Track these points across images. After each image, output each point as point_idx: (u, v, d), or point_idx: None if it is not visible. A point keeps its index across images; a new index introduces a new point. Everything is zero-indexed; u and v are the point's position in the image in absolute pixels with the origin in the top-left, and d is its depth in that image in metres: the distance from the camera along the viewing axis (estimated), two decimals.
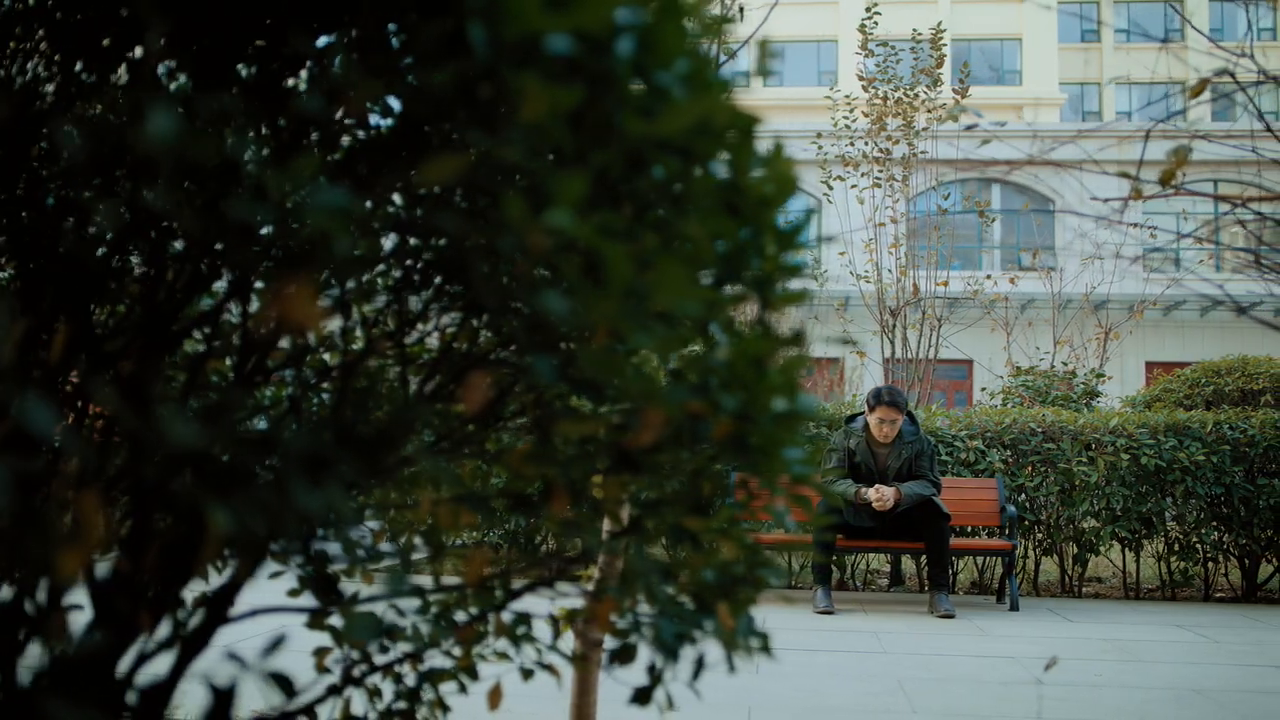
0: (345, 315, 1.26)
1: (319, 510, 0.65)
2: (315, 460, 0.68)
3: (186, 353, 1.26)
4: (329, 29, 0.69)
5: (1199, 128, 9.79)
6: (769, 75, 1.30)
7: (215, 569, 1.35)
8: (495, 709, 1.48)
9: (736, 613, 1.27)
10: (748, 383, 1.02)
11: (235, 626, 1.09)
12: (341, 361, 1.39)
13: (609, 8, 0.69)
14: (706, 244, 0.94)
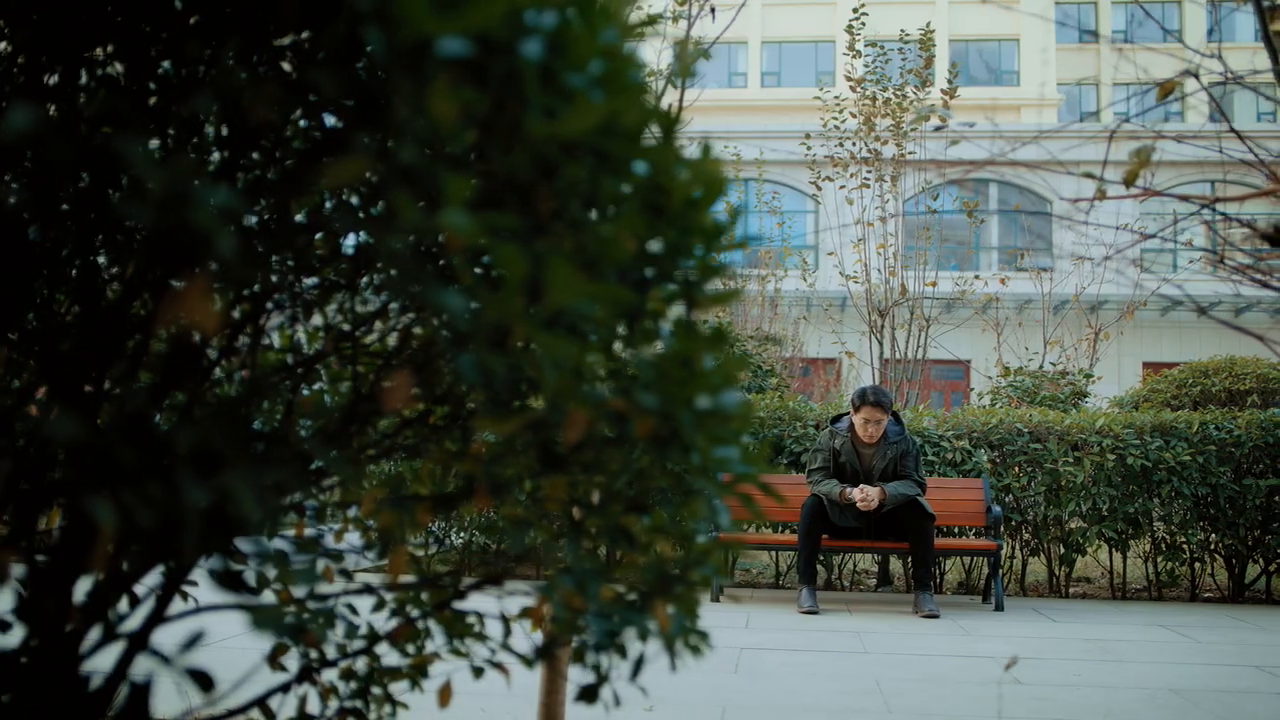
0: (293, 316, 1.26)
1: (205, 504, 0.65)
2: (208, 456, 0.68)
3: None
4: (227, 34, 0.70)
5: (1162, 128, 9.79)
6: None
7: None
8: (445, 706, 1.48)
9: (688, 611, 1.28)
10: (671, 381, 1.03)
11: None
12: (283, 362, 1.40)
13: (499, 9, 0.70)
14: (621, 245, 0.94)
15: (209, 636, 1.15)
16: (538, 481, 1.27)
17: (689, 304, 1.07)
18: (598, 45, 0.92)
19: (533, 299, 0.77)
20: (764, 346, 8.20)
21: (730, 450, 1.22)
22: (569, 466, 1.07)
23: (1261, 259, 3.33)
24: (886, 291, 7.86)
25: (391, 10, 0.73)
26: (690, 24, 2.70)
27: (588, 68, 0.90)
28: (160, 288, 0.77)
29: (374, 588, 1.33)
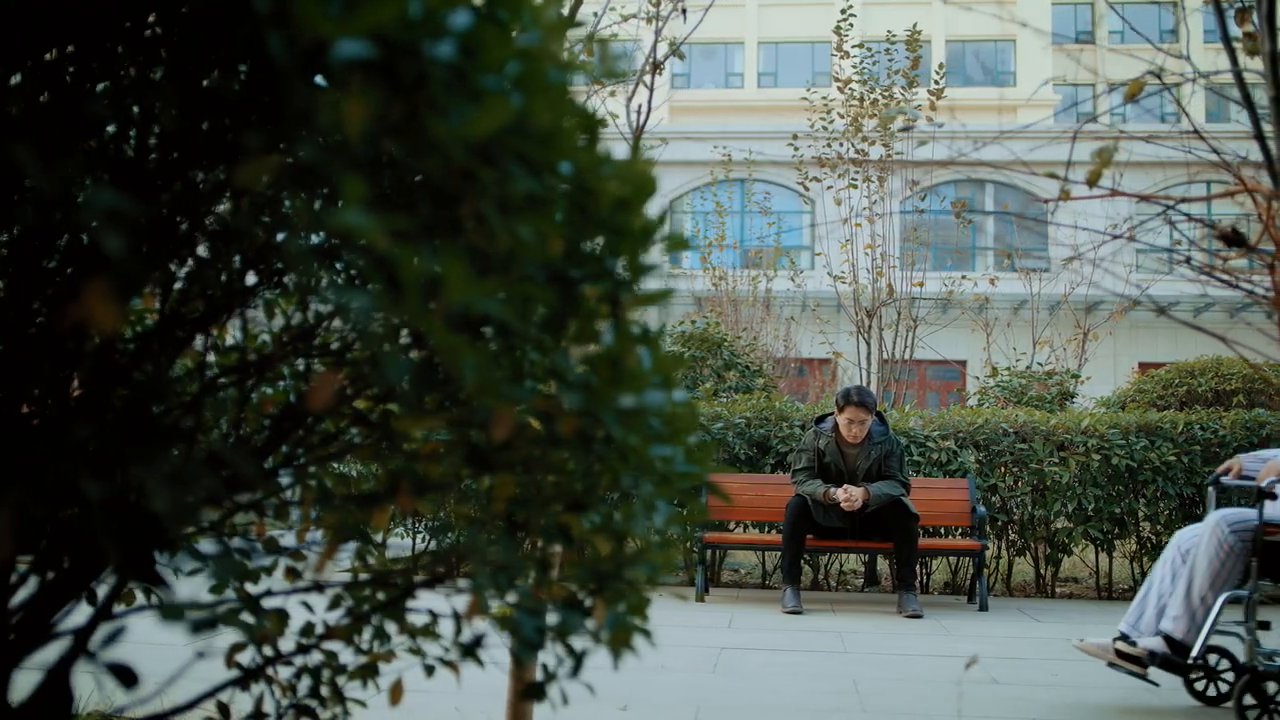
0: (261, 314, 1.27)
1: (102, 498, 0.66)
2: (107, 452, 0.69)
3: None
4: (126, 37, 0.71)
5: (1124, 129, 9.81)
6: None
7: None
8: (396, 704, 1.49)
9: (636, 610, 1.29)
10: (595, 380, 1.04)
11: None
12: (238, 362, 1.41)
13: (393, 11, 0.71)
14: (537, 245, 0.95)
15: (163, 638, 1.15)
16: (482, 481, 1.28)
17: (615, 304, 1.07)
18: (514, 47, 0.93)
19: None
20: (751, 346, 8.21)
21: (666, 449, 1.22)
22: (496, 465, 1.08)
23: (1226, 259, 3.34)
24: (874, 292, 7.88)
25: (288, 12, 0.73)
26: (663, 23, 2.71)
27: (504, 69, 0.90)
28: (64, 288, 0.78)
29: (322, 585, 1.34)
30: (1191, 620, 3.08)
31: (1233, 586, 3.05)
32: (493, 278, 0.94)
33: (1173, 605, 3.14)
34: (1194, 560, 3.12)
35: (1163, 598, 3.23)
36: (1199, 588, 3.08)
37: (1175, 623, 3.11)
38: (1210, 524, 3.14)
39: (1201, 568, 3.08)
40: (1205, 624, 3.04)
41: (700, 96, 28.32)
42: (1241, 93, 2.05)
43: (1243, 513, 3.12)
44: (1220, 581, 3.05)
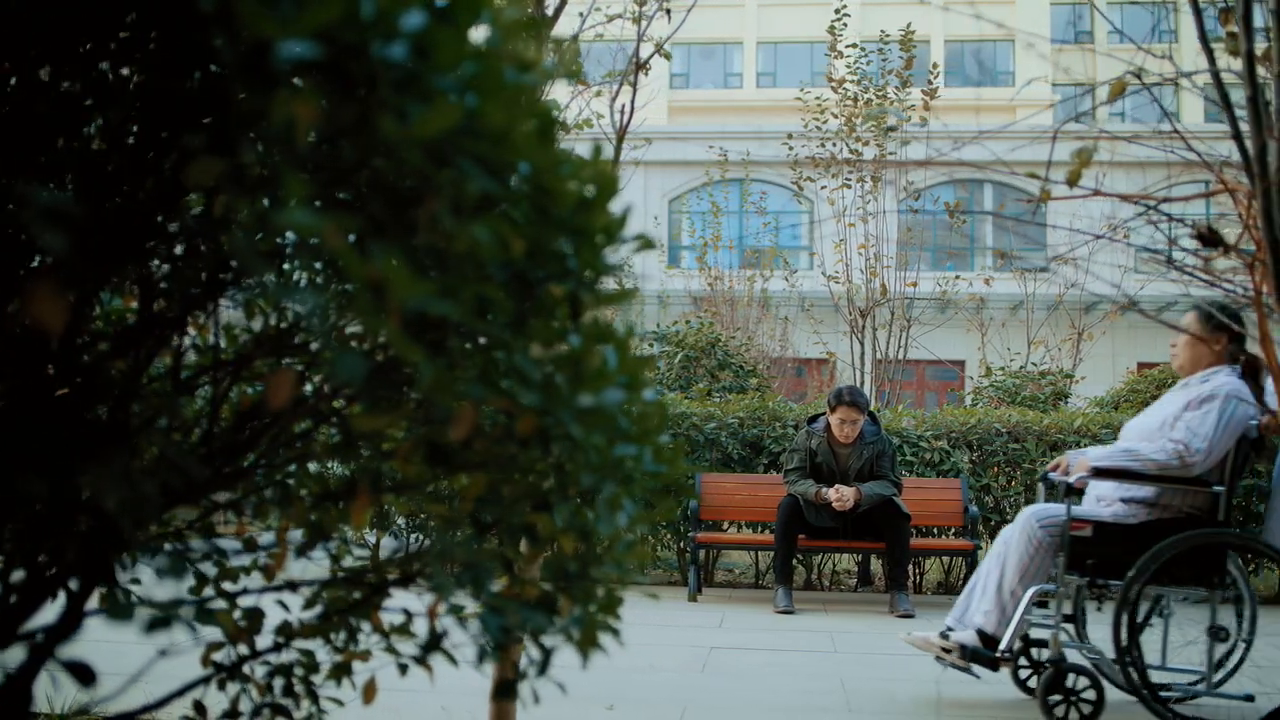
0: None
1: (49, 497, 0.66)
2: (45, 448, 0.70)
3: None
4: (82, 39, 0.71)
5: (1107, 128, 9.81)
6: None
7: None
8: (369, 703, 1.49)
9: (608, 609, 1.29)
10: (555, 380, 1.04)
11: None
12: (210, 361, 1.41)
13: (335, 12, 0.71)
14: (496, 246, 0.95)
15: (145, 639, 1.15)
16: (457, 479, 1.28)
17: (575, 303, 1.08)
18: (469, 47, 0.93)
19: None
20: (745, 346, 8.22)
21: (632, 449, 1.23)
22: (457, 463, 1.08)
23: (1208, 259, 3.33)
24: (868, 292, 7.89)
25: (232, 13, 0.73)
26: (646, 24, 2.71)
27: (459, 69, 0.91)
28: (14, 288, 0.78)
29: (295, 584, 1.34)
30: (1002, 614, 3.13)
31: (1042, 581, 3.09)
32: (450, 277, 0.95)
33: (984, 600, 3.19)
34: (1005, 555, 3.16)
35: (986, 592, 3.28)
36: (1009, 582, 3.13)
37: (986, 617, 3.16)
38: (1021, 520, 3.18)
39: (1012, 563, 3.13)
40: (1014, 618, 3.08)
41: (699, 96, 28.31)
42: (1219, 92, 2.05)
43: (1052, 508, 3.16)
44: (1029, 576, 3.10)
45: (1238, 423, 3.03)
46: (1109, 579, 3.06)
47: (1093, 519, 3.13)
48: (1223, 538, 3.03)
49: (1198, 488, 3.05)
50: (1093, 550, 3.07)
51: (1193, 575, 3.01)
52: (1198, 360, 3.23)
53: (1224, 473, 3.07)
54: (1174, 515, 3.08)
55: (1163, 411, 3.21)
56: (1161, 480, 3.04)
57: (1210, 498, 3.06)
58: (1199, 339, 3.23)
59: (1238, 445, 3.06)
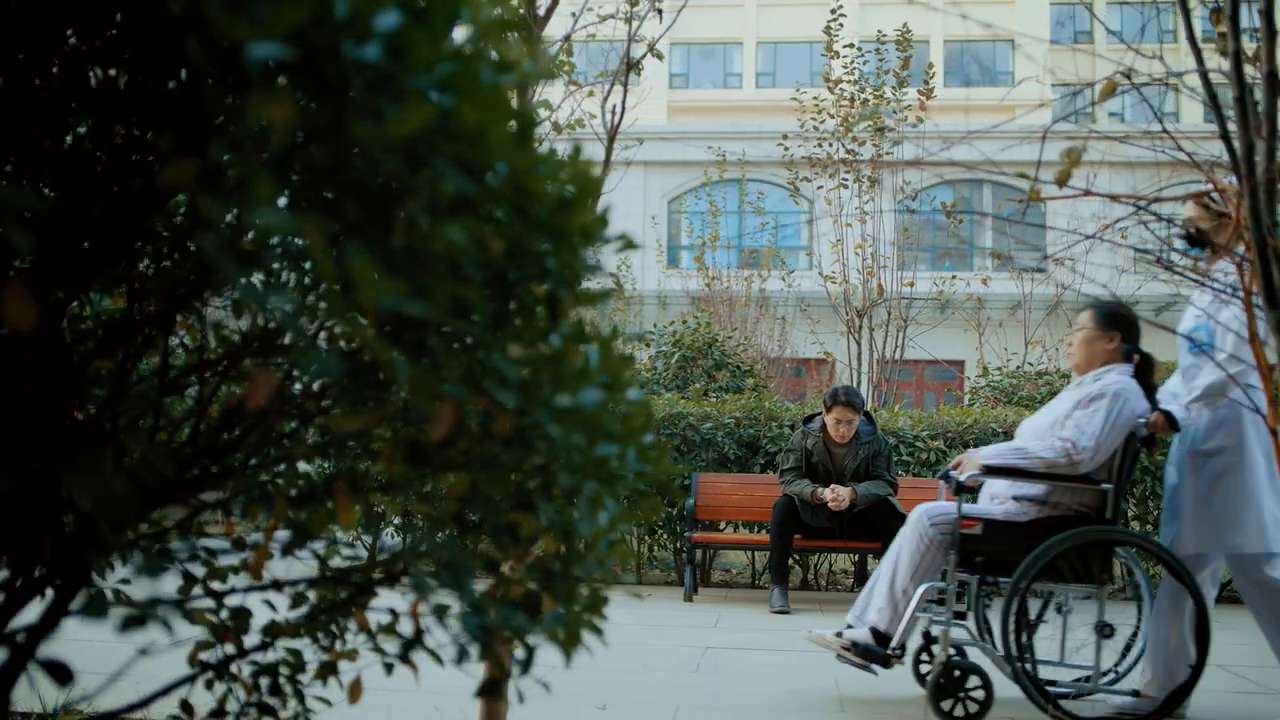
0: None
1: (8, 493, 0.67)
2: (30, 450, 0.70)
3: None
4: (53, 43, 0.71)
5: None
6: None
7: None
8: (355, 702, 1.50)
9: (593, 609, 1.30)
10: (533, 380, 1.04)
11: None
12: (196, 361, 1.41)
13: (302, 14, 0.71)
14: (474, 246, 0.95)
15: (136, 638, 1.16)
16: (445, 478, 1.28)
17: (553, 303, 1.08)
18: (445, 48, 0.93)
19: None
20: (742, 346, 8.22)
21: (613, 448, 1.23)
22: (437, 463, 1.08)
23: (1196, 259, 3.34)
24: (865, 292, 7.89)
25: (201, 14, 0.74)
26: (638, 24, 2.71)
27: (434, 70, 0.91)
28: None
29: (280, 583, 1.35)
30: (894, 611, 3.15)
31: (934, 578, 3.11)
32: (427, 277, 0.95)
33: (878, 598, 3.22)
34: (898, 553, 3.19)
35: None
36: (901, 580, 3.15)
37: (880, 614, 3.18)
38: (913, 518, 3.20)
39: (904, 560, 3.15)
40: (905, 615, 3.11)
41: (699, 96, 28.32)
42: (1207, 92, 2.05)
43: (944, 506, 3.17)
44: (921, 574, 3.12)
45: (1125, 421, 3.06)
46: (998, 576, 3.08)
47: (983, 517, 3.15)
48: (1109, 535, 3.05)
49: (1087, 486, 3.08)
50: (982, 548, 3.10)
51: (1081, 572, 3.04)
52: (1091, 359, 3.26)
53: (1112, 471, 3.09)
54: (1064, 513, 3.11)
55: (1056, 410, 3.24)
56: (1050, 478, 3.06)
57: (1099, 495, 3.09)
58: (1093, 337, 3.27)
59: (1126, 444, 3.09)
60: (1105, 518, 3.07)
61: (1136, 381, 3.17)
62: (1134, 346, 3.27)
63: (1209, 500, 3.14)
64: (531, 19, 2.59)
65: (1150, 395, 3.17)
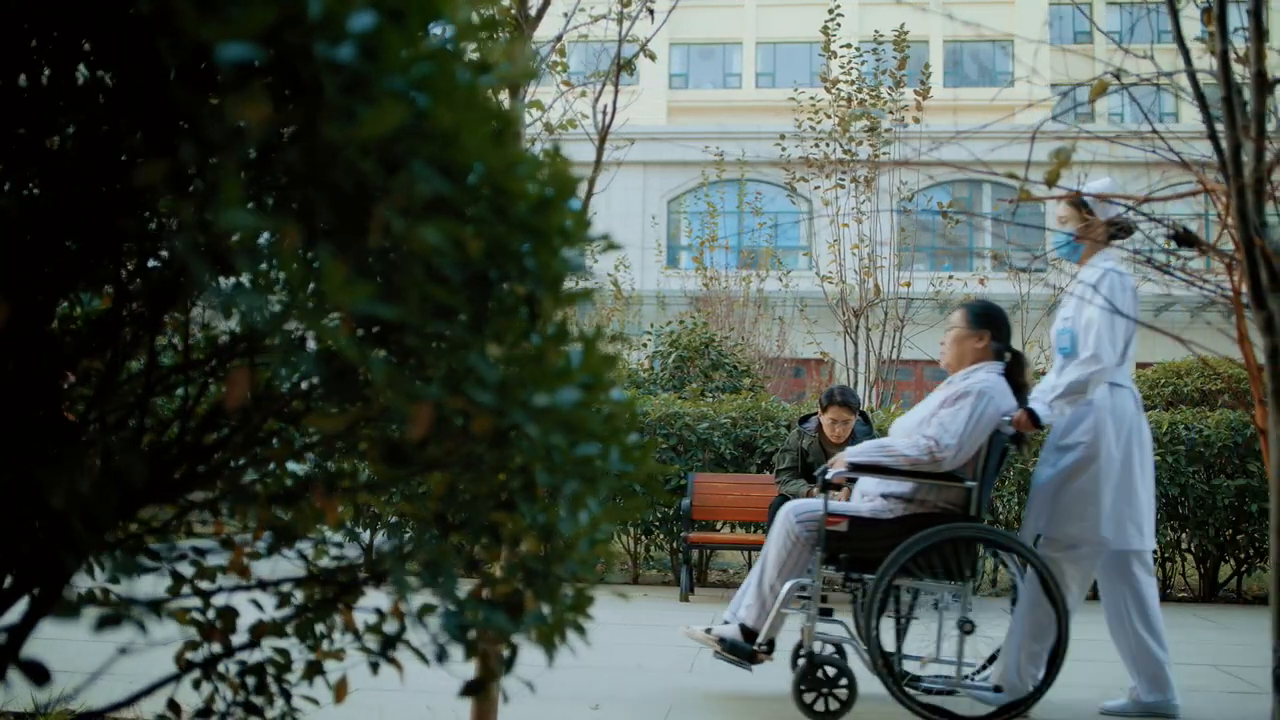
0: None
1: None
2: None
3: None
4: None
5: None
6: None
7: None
8: (341, 702, 1.50)
9: (579, 609, 1.30)
10: (509, 380, 1.04)
11: None
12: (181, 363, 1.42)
13: (269, 16, 0.71)
14: (451, 248, 0.95)
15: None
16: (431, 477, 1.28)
17: (533, 303, 1.08)
18: (420, 48, 0.93)
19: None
20: (740, 346, 8.22)
21: (593, 448, 1.23)
22: (415, 463, 1.09)
23: (1187, 259, 3.34)
24: (862, 292, 7.90)
25: (170, 16, 0.74)
26: (629, 25, 2.71)
27: (409, 70, 0.91)
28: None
29: (266, 583, 1.35)
30: (762, 608, 3.17)
31: (800, 575, 3.13)
32: (402, 278, 0.95)
33: (747, 595, 3.23)
34: (766, 550, 3.21)
35: None
36: (769, 577, 3.17)
37: (748, 611, 3.20)
38: (780, 516, 3.22)
39: (771, 557, 3.18)
40: (772, 611, 3.13)
41: (698, 97, 28.33)
42: (1195, 93, 2.06)
43: (811, 504, 3.19)
44: (787, 570, 3.14)
45: (989, 419, 3.08)
46: (862, 573, 3.10)
47: (849, 514, 3.17)
48: (971, 532, 3.06)
49: (952, 483, 3.10)
50: (847, 545, 3.13)
51: (943, 569, 3.06)
52: (962, 357, 3.29)
53: (977, 469, 3.11)
54: (929, 510, 3.13)
55: (925, 408, 3.26)
56: (915, 475, 3.09)
57: (964, 493, 3.11)
58: (963, 336, 3.30)
59: (991, 442, 3.11)
60: (970, 515, 3.10)
61: (1006, 380, 3.20)
62: (1005, 345, 3.30)
63: (1060, 491, 3.21)
64: (523, 19, 2.58)
65: (1020, 394, 3.20)
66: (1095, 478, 3.15)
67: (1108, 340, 3.12)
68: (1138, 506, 3.22)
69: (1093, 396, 3.18)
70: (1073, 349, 3.22)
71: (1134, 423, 3.24)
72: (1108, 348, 3.12)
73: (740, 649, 3.14)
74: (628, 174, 18.74)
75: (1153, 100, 2.68)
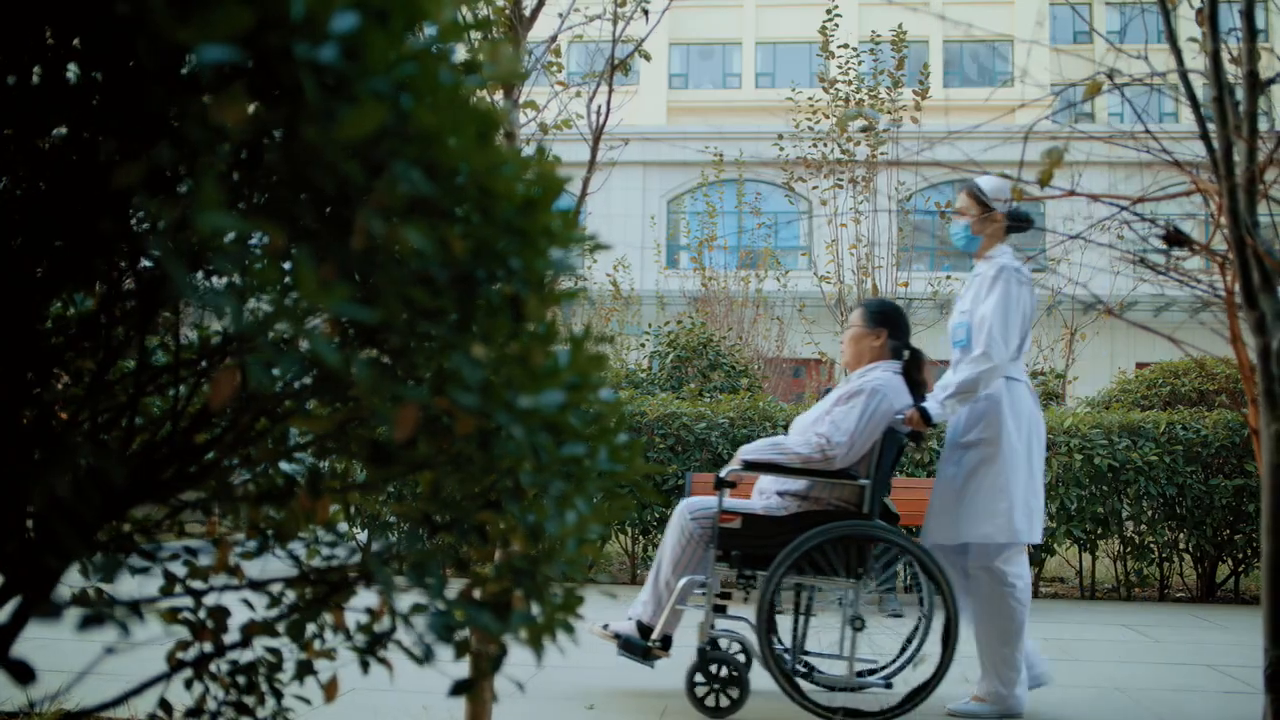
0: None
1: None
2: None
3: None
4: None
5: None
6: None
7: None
8: (331, 701, 1.50)
9: (568, 608, 1.30)
10: (491, 380, 1.04)
11: None
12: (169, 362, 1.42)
13: (246, 19, 0.72)
14: (436, 248, 0.95)
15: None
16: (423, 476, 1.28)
17: (516, 304, 1.08)
18: (404, 49, 0.93)
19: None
20: (738, 346, 8.22)
21: (580, 448, 1.23)
22: (397, 462, 1.09)
23: (1180, 259, 3.34)
24: (859, 293, 7.89)
25: (145, 18, 0.74)
26: (624, 25, 2.71)
27: (392, 71, 0.91)
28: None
29: (256, 583, 1.35)
30: (658, 605, 3.20)
31: (694, 571, 3.15)
32: (384, 279, 0.95)
33: (644, 591, 3.26)
34: (663, 547, 3.23)
35: None
36: (664, 573, 3.19)
37: (644, 607, 3.22)
38: (676, 512, 3.24)
39: (666, 554, 3.19)
40: (666, 607, 3.15)
41: (698, 97, 28.32)
42: (1187, 93, 2.06)
43: (705, 501, 3.20)
44: (682, 567, 3.16)
45: (881, 417, 3.08)
46: (755, 570, 3.12)
47: (743, 511, 3.19)
48: (862, 530, 3.07)
49: (845, 481, 3.11)
50: (739, 542, 3.14)
51: (834, 567, 3.08)
52: (860, 356, 3.31)
53: (870, 466, 3.12)
54: (823, 508, 3.15)
55: (821, 406, 3.28)
56: (808, 473, 3.10)
57: (857, 491, 3.13)
58: (860, 335, 3.33)
59: (886, 439, 3.11)
60: (863, 513, 3.11)
61: (904, 378, 3.22)
62: (903, 343, 3.32)
63: (964, 491, 3.20)
64: (517, 19, 2.58)
65: (918, 391, 3.22)
66: (1003, 473, 3.15)
67: (1000, 337, 3.13)
68: (1038, 500, 3.23)
69: (991, 391, 3.19)
70: (968, 342, 3.23)
71: (1032, 416, 3.26)
72: (999, 345, 3.13)
73: (635, 645, 3.17)
74: (628, 174, 18.76)
75: (1147, 101, 2.69)
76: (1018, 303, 3.18)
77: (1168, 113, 24.11)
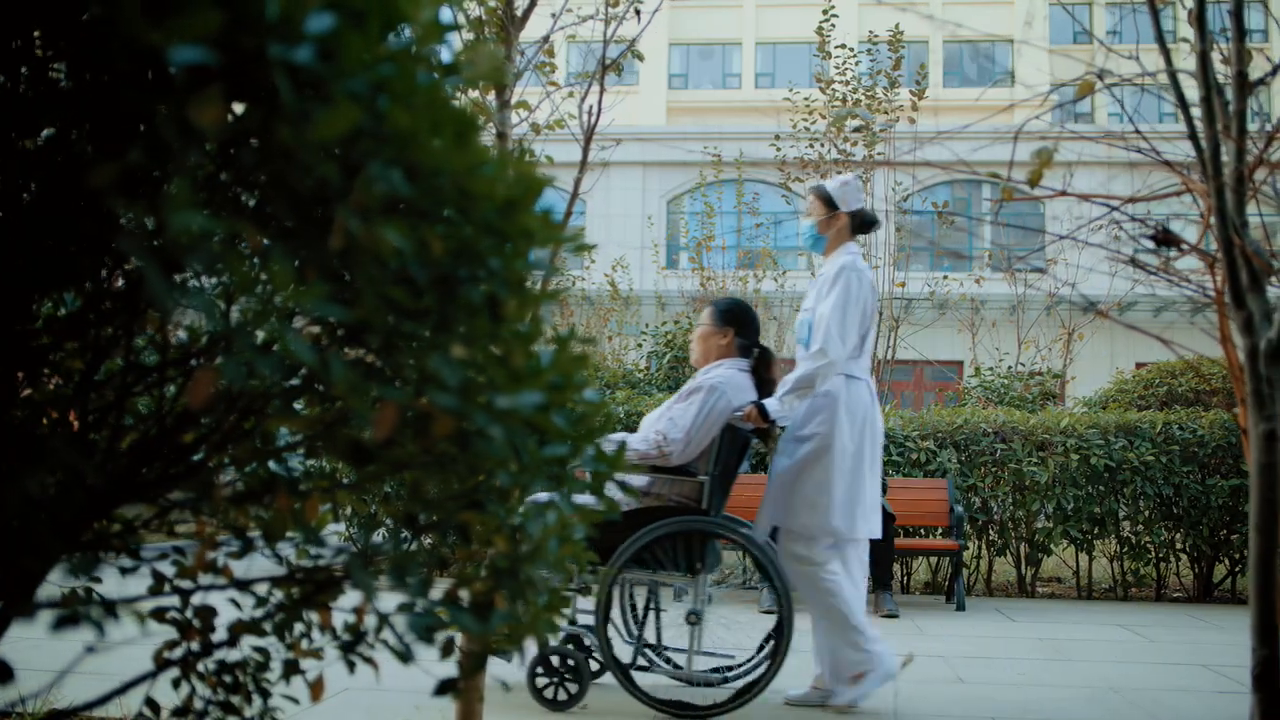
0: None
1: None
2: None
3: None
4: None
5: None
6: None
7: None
8: (317, 701, 1.50)
9: (554, 608, 1.30)
10: (470, 381, 1.05)
11: None
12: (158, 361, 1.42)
13: (215, 21, 0.72)
14: (414, 248, 0.96)
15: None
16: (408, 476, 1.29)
17: (492, 303, 1.08)
18: (380, 50, 0.94)
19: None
20: None
21: (561, 449, 1.23)
22: (376, 460, 1.09)
23: (1171, 259, 3.34)
24: None
25: (118, 19, 0.74)
26: (617, 23, 2.71)
27: (370, 72, 0.91)
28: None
29: (242, 582, 1.35)
30: None
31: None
32: (361, 279, 0.95)
33: None
34: None
35: None
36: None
37: None
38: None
39: None
40: None
41: (698, 97, 28.33)
42: (1175, 93, 2.06)
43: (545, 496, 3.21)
44: None
45: (719, 414, 3.10)
46: (597, 565, 3.13)
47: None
48: (698, 525, 3.08)
49: (685, 477, 3.14)
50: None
51: (673, 562, 3.10)
52: (707, 354, 3.35)
53: (710, 463, 3.14)
54: (664, 504, 3.17)
55: (666, 404, 3.29)
56: (650, 469, 3.13)
57: (697, 487, 3.14)
58: (708, 333, 3.36)
59: (727, 436, 3.13)
60: (702, 509, 3.13)
61: (753, 376, 3.24)
62: (752, 341, 3.34)
63: (795, 481, 3.24)
64: (509, 20, 2.58)
65: (765, 389, 3.25)
66: (829, 469, 3.20)
67: (837, 335, 3.17)
68: (866, 497, 3.26)
69: (829, 388, 3.23)
70: (809, 340, 3.27)
71: (868, 414, 3.30)
72: (837, 343, 3.16)
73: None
74: (627, 174, 18.76)
75: (1139, 101, 2.69)
76: (857, 301, 3.25)
77: (1167, 113, 24.07)
